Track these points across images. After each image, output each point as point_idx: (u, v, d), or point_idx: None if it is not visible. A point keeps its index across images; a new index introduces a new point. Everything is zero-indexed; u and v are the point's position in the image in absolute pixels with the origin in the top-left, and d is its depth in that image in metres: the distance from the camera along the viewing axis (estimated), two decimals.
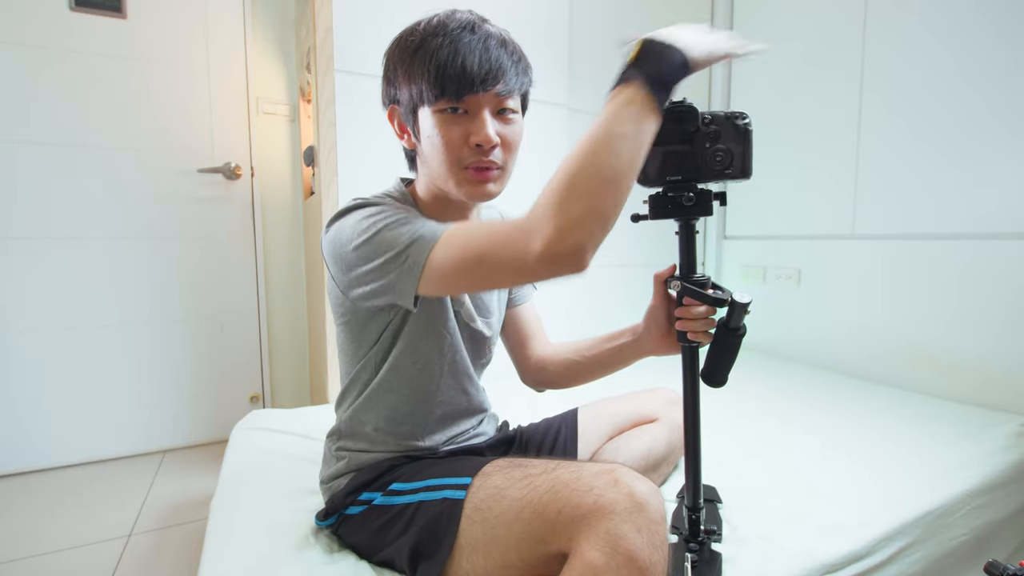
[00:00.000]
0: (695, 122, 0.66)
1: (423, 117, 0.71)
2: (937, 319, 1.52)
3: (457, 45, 0.66)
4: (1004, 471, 1.04)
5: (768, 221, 2.05)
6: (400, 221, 0.66)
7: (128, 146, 1.84)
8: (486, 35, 0.69)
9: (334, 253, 0.70)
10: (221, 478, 1.02)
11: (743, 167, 0.66)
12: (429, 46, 0.67)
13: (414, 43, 0.69)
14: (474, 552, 0.65)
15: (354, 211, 0.70)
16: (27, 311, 1.74)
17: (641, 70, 0.57)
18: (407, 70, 0.69)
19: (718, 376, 0.73)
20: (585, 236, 0.53)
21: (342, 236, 0.69)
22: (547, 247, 0.53)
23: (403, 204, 0.75)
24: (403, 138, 0.77)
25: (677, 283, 0.72)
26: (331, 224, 0.72)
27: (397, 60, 0.72)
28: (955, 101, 1.47)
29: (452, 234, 0.62)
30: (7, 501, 1.56)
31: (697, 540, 0.75)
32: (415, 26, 0.71)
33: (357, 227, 0.67)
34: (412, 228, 0.64)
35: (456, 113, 0.69)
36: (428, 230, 0.64)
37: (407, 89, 0.71)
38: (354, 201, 0.73)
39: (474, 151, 0.69)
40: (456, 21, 0.69)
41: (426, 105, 0.69)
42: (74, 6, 1.72)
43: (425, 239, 0.63)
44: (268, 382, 2.14)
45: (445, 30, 0.68)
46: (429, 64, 0.67)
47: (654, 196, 0.73)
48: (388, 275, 0.65)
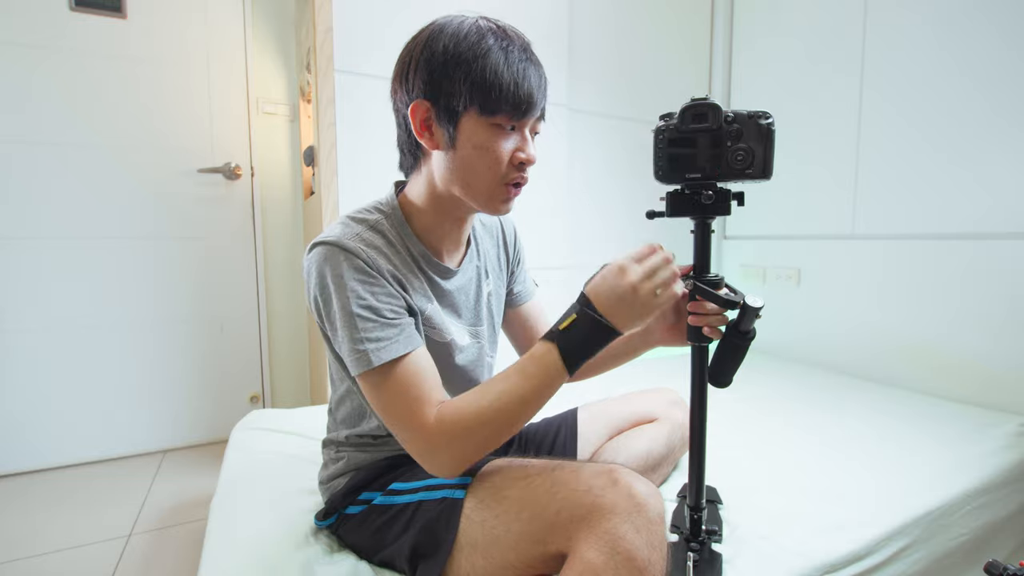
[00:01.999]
0: (717, 120, 0.66)
1: (471, 124, 0.68)
2: (937, 319, 1.52)
3: (526, 68, 0.67)
4: (1004, 471, 1.05)
5: (768, 221, 2.05)
6: (364, 311, 0.65)
7: (128, 146, 1.84)
8: (536, 61, 0.70)
9: (310, 282, 0.69)
10: (221, 478, 1.02)
11: (764, 167, 0.66)
12: (496, 57, 0.66)
13: (480, 47, 0.66)
14: (473, 552, 0.65)
15: (335, 253, 0.67)
16: (27, 311, 1.74)
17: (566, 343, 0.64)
18: (467, 72, 0.66)
19: (724, 377, 0.73)
20: (470, 464, 0.65)
21: (317, 274, 0.67)
22: (439, 469, 0.65)
23: (392, 227, 0.73)
24: (422, 136, 0.70)
25: (690, 281, 0.72)
26: (312, 249, 0.69)
27: (450, 58, 0.66)
28: (956, 100, 1.47)
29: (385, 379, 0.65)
30: (7, 501, 1.56)
31: (698, 540, 0.75)
32: (466, 25, 0.68)
33: (329, 284, 0.66)
34: (369, 329, 0.65)
35: (510, 130, 0.69)
36: (376, 346, 0.64)
37: (460, 91, 0.66)
38: (337, 237, 0.68)
39: (515, 168, 0.70)
40: (517, 39, 0.69)
41: (483, 115, 0.67)
42: (74, 6, 1.72)
43: (367, 359, 0.64)
44: (268, 382, 2.14)
45: (512, 45, 0.67)
46: (497, 75, 0.65)
47: (672, 193, 0.72)
48: (338, 345, 0.68)
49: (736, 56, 2.19)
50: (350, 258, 0.66)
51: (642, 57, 2.07)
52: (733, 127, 0.65)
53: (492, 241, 0.91)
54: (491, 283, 0.87)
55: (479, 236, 0.88)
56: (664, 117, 0.70)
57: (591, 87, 1.95)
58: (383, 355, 0.64)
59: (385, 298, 0.67)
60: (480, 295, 0.85)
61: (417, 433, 0.64)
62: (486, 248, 0.89)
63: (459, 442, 0.63)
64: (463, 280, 0.81)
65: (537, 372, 0.64)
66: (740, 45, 2.17)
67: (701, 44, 2.22)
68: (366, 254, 0.67)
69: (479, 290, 0.84)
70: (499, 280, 0.91)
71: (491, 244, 0.90)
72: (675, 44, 2.15)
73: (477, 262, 0.85)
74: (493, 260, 0.90)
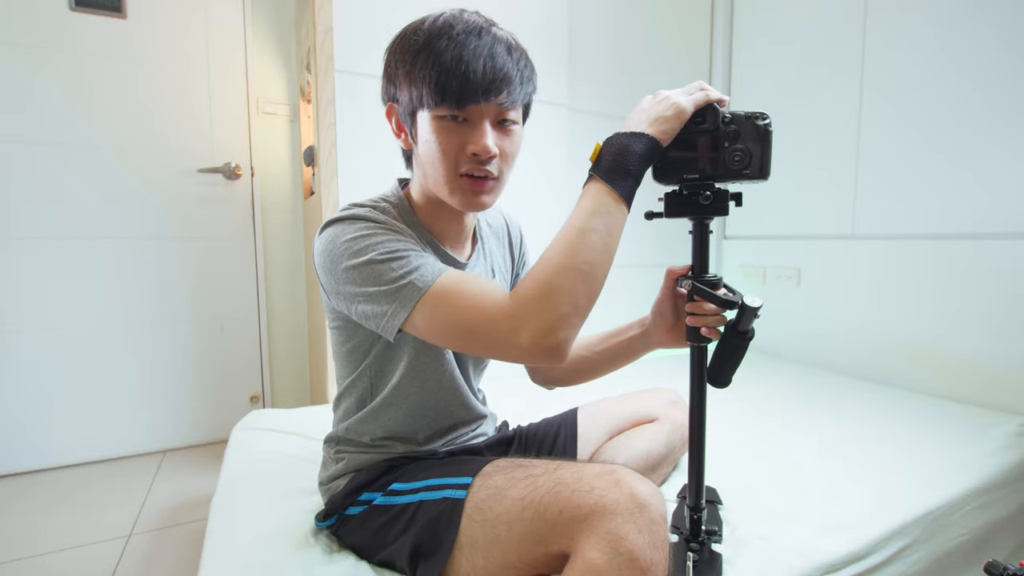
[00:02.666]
0: (715, 121, 0.66)
1: (422, 121, 0.68)
2: (937, 319, 1.52)
3: (462, 50, 0.63)
4: (1004, 471, 1.05)
5: (768, 221, 2.05)
6: (392, 254, 0.64)
7: (128, 146, 1.84)
8: (493, 40, 0.66)
9: (324, 263, 0.69)
10: (221, 478, 1.02)
11: (761, 168, 0.66)
12: (433, 48, 0.64)
13: (417, 43, 0.66)
14: (474, 552, 0.65)
15: (347, 222, 0.68)
16: (26, 311, 1.74)
17: (598, 168, 0.64)
18: (408, 70, 0.66)
19: (723, 377, 0.73)
20: (568, 331, 0.59)
21: (334, 249, 0.67)
22: (534, 341, 0.58)
23: (399, 215, 0.74)
24: (400, 137, 0.75)
25: (688, 282, 0.72)
26: (324, 229, 0.70)
27: (399, 58, 0.68)
28: (956, 100, 1.47)
29: (443, 292, 0.62)
30: (7, 501, 1.56)
31: (698, 540, 0.75)
32: (420, 23, 0.68)
33: (349, 246, 0.66)
34: (404, 264, 0.63)
35: (456, 121, 0.66)
36: (420, 274, 0.63)
37: (407, 90, 0.68)
38: (348, 210, 0.70)
39: (470, 160, 0.67)
40: (463, 23, 0.66)
41: (425, 109, 0.67)
42: (74, 6, 1.72)
43: (415, 286, 0.62)
44: (268, 382, 2.14)
45: (451, 32, 0.64)
46: (431, 68, 0.64)
47: (670, 194, 0.72)
48: (373, 306, 0.65)
49: (736, 56, 2.19)
50: (364, 221, 0.68)
51: (642, 57, 2.07)
52: (731, 128, 0.65)
53: (498, 242, 0.91)
54: (497, 282, 0.87)
55: (485, 236, 0.88)
56: None
57: (591, 87, 1.95)
58: (429, 275, 0.63)
59: (409, 240, 0.68)
60: None
61: (498, 319, 0.59)
62: (492, 249, 0.89)
63: (545, 300, 0.58)
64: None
65: (587, 205, 0.63)
66: (740, 45, 2.17)
67: (701, 44, 2.22)
68: (382, 216, 0.70)
69: None
70: (504, 282, 0.91)
71: (497, 245, 0.91)
72: (675, 44, 2.15)
73: (484, 262, 0.85)
74: (499, 261, 0.90)
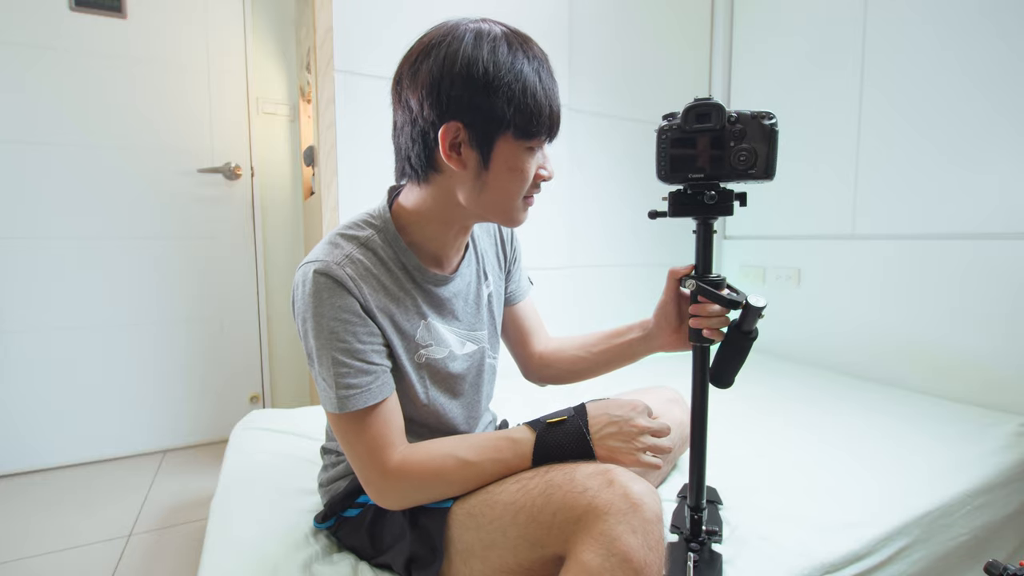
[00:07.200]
0: (720, 120, 0.65)
1: (507, 147, 0.66)
2: (937, 319, 1.52)
3: (554, 88, 0.68)
4: (1004, 471, 1.05)
5: (768, 221, 2.05)
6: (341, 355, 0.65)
7: (128, 146, 1.84)
8: (550, 71, 0.69)
9: (292, 300, 0.70)
10: (221, 478, 1.02)
11: (767, 168, 0.65)
12: (532, 80, 0.65)
13: (517, 69, 0.64)
14: (471, 557, 0.65)
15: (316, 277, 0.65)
16: (26, 311, 1.74)
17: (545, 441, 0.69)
18: (509, 97, 0.63)
19: (726, 377, 0.73)
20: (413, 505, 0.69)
21: (297, 300, 0.68)
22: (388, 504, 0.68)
23: (384, 241, 0.72)
24: (449, 157, 0.65)
25: (692, 282, 0.72)
26: (300, 269, 0.68)
27: (495, 81, 0.63)
28: (956, 100, 1.46)
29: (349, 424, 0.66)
30: (7, 501, 1.56)
31: (699, 540, 0.75)
32: (498, 42, 0.64)
33: (305, 313, 0.66)
34: (343, 375, 0.65)
35: (533, 149, 0.69)
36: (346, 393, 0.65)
37: (503, 115, 0.64)
38: (322, 257, 0.67)
39: (534, 185, 0.71)
40: (543, 56, 0.68)
41: (518, 138, 0.66)
42: (74, 6, 1.72)
43: (337, 401, 0.65)
44: (268, 382, 2.14)
45: (541, 66, 0.66)
46: (536, 100, 0.65)
47: (675, 193, 0.72)
48: (313, 373, 0.69)
49: (736, 56, 2.19)
50: (334, 291, 0.65)
51: (642, 57, 2.07)
52: (736, 127, 0.65)
53: (490, 240, 0.90)
54: (491, 284, 0.87)
55: (476, 236, 0.87)
56: (667, 117, 0.70)
57: (591, 87, 1.95)
58: (354, 403, 0.65)
59: (366, 337, 0.67)
60: (480, 298, 0.84)
61: (376, 474, 0.66)
62: (484, 248, 0.88)
63: (413, 490, 0.67)
64: (460, 285, 0.80)
65: (507, 457, 0.69)
66: (740, 45, 2.17)
67: (701, 44, 2.21)
68: (353, 283, 0.66)
69: (479, 293, 0.84)
70: (498, 280, 0.90)
71: (489, 243, 0.90)
72: (675, 44, 2.15)
73: (475, 264, 0.85)
74: (492, 260, 0.89)
